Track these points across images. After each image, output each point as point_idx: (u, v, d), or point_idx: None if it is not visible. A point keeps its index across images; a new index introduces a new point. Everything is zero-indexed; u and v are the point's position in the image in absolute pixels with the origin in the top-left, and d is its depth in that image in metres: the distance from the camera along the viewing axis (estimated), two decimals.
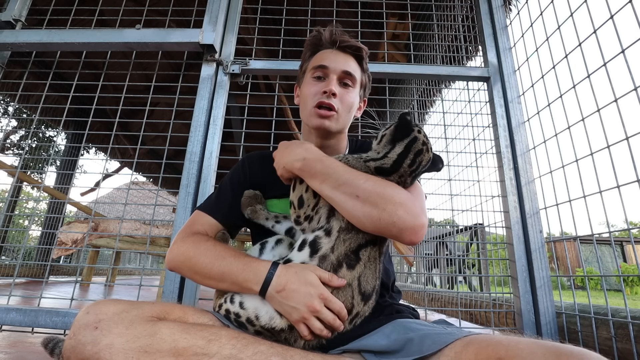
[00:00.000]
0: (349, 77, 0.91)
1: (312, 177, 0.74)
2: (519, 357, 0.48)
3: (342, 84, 0.91)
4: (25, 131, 7.56)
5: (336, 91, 0.88)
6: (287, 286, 0.65)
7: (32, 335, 1.52)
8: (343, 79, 0.91)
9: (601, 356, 0.46)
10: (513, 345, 0.50)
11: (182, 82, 1.62)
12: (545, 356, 0.46)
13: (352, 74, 0.91)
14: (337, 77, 0.90)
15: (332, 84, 0.88)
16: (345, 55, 0.92)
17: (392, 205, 0.68)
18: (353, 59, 0.93)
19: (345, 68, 0.90)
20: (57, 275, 5.85)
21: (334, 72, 0.89)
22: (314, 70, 0.91)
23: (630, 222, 4.52)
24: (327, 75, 0.90)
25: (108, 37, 1.48)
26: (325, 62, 0.90)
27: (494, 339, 0.55)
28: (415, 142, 0.75)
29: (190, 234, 0.81)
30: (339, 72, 0.90)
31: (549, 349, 0.47)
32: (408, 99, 3.25)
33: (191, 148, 1.37)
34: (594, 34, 1.09)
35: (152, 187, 7.36)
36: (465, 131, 1.71)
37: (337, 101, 0.88)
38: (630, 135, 0.95)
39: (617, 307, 1.08)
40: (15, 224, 12.84)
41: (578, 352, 0.46)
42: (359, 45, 0.94)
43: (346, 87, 0.91)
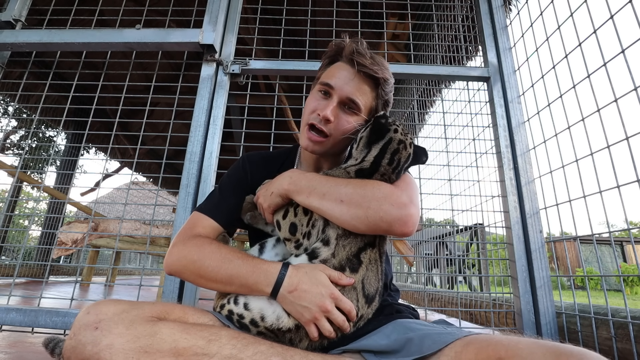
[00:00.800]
0: (352, 104, 0.84)
1: (299, 192, 0.75)
2: (518, 357, 0.48)
3: (344, 108, 0.86)
4: (25, 131, 7.56)
5: (332, 118, 0.83)
6: (299, 286, 0.65)
7: (32, 335, 1.52)
8: (346, 104, 0.85)
9: (601, 356, 0.46)
10: (513, 345, 0.50)
11: (182, 82, 1.62)
12: (545, 356, 0.47)
13: (356, 102, 0.84)
14: (341, 101, 0.84)
15: (329, 108, 0.83)
16: (359, 78, 0.85)
17: (375, 202, 0.69)
18: (369, 82, 0.86)
19: (351, 96, 0.84)
20: (57, 275, 5.85)
21: (338, 95, 0.84)
22: (323, 84, 0.87)
23: (630, 222, 4.51)
24: (331, 95, 0.85)
25: (108, 37, 1.48)
26: (333, 81, 0.84)
27: (494, 339, 0.55)
28: (390, 143, 0.76)
29: (192, 237, 0.80)
30: (344, 98, 0.84)
31: (548, 349, 0.47)
32: (408, 99, 3.25)
33: (191, 148, 1.37)
34: (594, 34, 1.09)
35: (152, 187, 7.36)
36: (465, 131, 1.71)
37: (332, 127, 0.84)
38: (630, 135, 0.95)
39: (617, 307, 1.08)
40: (15, 224, 12.84)
41: (578, 352, 0.46)
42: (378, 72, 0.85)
43: (348, 112, 0.86)
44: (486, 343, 0.54)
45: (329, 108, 0.83)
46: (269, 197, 0.80)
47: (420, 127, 3.22)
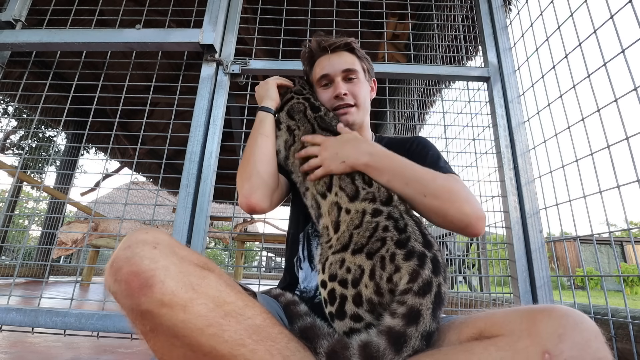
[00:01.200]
0: (350, 72, 0.99)
1: (380, 173, 0.78)
2: (497, 325, 0.52)
3: (347, 80, 1.00)
4: (25, 131, 7.56)
5: (345, 91, 0.97)
6: None
7: (32, 335, 1.52)
8: (346, 76, 0.99)
9: (569, 308, 0.48)
10: (490, 316, 0.54)
11: (182, 82, 1.62)
12: (520, 318, 0.50)
13: (351, 68, 0.99)
14: (341, 78, 0.99)
15: (338, 87, 0.97)
16: (338, 55, 1.01)
17: (458, 203, 0.73)
18: (346, 53, 1.02)
19: (344, 67, 0.99)
20: (57, 275, 5.85)
21: (335, 75, 0.99)
22: (319, 81, 1.02)
23: (630, 222, 4.52)
24: (332, 80, 1.00)
25: (108, 37, 1.48)
26: (325, 71, 1.00)
27: (471, 317, 0.59)
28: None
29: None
30: (340, 73, 0.99)
31: (522, 310, 0.51)
32: (408, 99, 3.25)
33: (191, 148, 1.37)
34: (594, 34, 1.09)
35: (152, 187, 7.35)
36: (465, 131, 1.71)
37: (350, 98, 0.98)
38: (630, 135, 0.95)
39: (617, 307, 1.08)
40: (15, 224, 12.84)
41: (549, 307, 0.49)
42: (345, 40, 1.02)
43: (352, 81, 1.00)
44: (465, 323, 0.58)
45: (339, 87, 0.98)
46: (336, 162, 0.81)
47: (420, 127, 3.22)
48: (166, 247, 0.55)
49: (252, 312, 0.57)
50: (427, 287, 0.58)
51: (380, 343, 0.55)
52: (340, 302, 0.64)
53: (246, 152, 0.94)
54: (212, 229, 5.89)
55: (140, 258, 0.51)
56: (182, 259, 0.55)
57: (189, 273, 0.54)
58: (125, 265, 0.51)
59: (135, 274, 0.50)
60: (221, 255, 24.41)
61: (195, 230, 1.29)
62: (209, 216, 1.33)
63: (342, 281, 0.65)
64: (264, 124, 0.97)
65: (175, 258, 0.54)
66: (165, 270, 0.51)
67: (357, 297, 0.63)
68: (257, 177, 0.87)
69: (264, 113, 1.00)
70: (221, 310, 0.54)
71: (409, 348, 0.54)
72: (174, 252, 0.55)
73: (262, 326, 0.56)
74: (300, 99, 1.01)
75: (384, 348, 0.54)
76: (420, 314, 0.56)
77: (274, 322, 0.59)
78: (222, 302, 0.55)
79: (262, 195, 0.87)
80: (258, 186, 0.87)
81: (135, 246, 0.53)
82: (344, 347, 0.57)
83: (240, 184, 0.89)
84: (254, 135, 0.96)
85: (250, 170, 0.89)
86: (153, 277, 0.50)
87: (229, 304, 0.55)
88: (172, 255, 0.54)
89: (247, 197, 0.85)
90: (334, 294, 0.65)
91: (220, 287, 0.56)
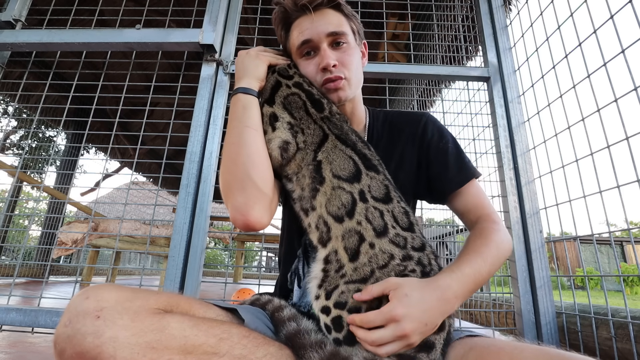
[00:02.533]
0: (338, 36, 0.80)
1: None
2: None
3: (334, 45, 0.81)
4: (25, 131, 7.56)
5: (334, 61, 0.79)
6: None
7: (32, 335, 1.52)
8: (333, 41, 0.81)
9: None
10: (517, 352, 0.49)
11: (182, 82, 1.62)
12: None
13: (339, 31, 0.80)
14: (327, 43, 0.80)
15: (326, 56, 0.79)
16: (321, 14, 0.81)
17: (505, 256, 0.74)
18: (331, 11, 0.82)
19: (329, 29, 0.80)
20: (57, 275, 5.85)
21: (320, 40, 0.80)
22: (300, 49, 0.82)
23: (630, 222, 4.51)
24: (315, 47, 0.81)
25: (108, 37, 1.48)
26: (306, 35, 0.80)
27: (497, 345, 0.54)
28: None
29: None
30: (326, 37, 0.80)
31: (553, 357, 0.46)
32: (408, 99, 3.25)
33: (191, 148, 1.37)
34: (594, 34, 1.09)
35: (152, 187, 7.35)
36: (465, 131, 1.71)
37: (340, 68, 0.80)
38: (630, 135, 0.95)
39: (617, 307, 1.08)
40: (15, 224, 12.84)
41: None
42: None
43: (340, 46, 0.81)
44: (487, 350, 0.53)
45: (325, 55, 0.79)
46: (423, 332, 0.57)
47: None
48: (112, 310, 0.48)
49: (229, 345, 0.52)
50: (442, 325, 0.59)
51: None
52: (349, 330, 0.60)
53: (230, 150, 0.74)
54: (212, 229, 5.89)
55: (82, 336, 0.45)
56: (135, 314, 0.49)
57: (145, 330, 0.48)
58: (68, 347, 0.45)
59: (80, 355, 0.45)
60: (221, 255, 24.36)
61: (195, 230, 1.29)
62: (209, 216, 1.33)
63: (354, 310, 0.61)
64: (249, 111, 0.76)
65: (127, 318, 0.48)
66: (114, 342, 0.45)
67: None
68: (252, 186, 0.70)
69: (247, 97, 0.79)
70: (191, 358, 0.49)
71: None
72: (125, 310, 0.49)
73: (243, 356, 0.52)
74: (292, 87, 0.81)
75: None
76: (434, 347, 0.56)
77: (257, 344, 0.54)
78: (191, 348, 0.49)
79: (262, 209, 0.71)
80: (256, 198, 0.70)
81: (75, 321, 0.47)
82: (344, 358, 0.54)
83: (230, 194, 0.71)
84: (238, 127, 0.75)
85: (242, 176, 0.71)
86: (101, 355, 0.44)
87: (198, 348, 0.50)
88: (121, 317, 0.48)
89: (243, 214, 0.69)
90: (341, 322, 0.61)
91: (185, 331, 0.50)
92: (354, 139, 0.77)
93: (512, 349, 0.51)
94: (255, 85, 0.81)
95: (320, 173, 0.72)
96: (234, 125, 0.76)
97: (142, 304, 0.51)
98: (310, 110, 0.78)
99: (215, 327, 0.54)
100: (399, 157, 0.87)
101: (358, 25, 0.88)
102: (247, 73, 0.82)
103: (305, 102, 0.79)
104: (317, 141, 0.75)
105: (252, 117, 0.76)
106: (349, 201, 0.69)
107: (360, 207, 0.68)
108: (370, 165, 0.74)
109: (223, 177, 0.74)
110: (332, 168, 0.72)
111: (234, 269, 5.74)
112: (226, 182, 0.73)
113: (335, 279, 0.65)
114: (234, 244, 4.95)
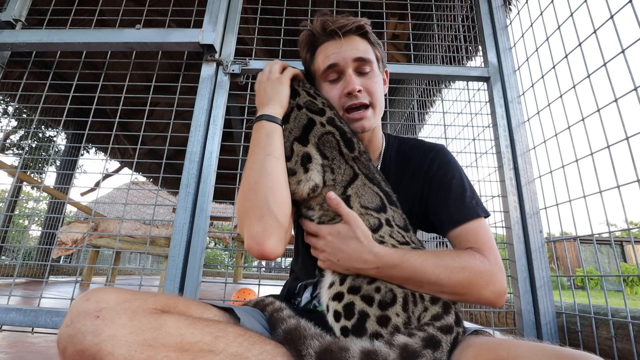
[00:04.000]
0: (364, 62, 0.82)
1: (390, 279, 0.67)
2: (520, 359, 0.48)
3: (359, 73, 0.82)
4: (25, 131, 7.56)
5: (359, 87, 0.80)
6: None
7: (32, 335, 1.52)
8: (359, 68, 0.82)
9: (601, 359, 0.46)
10: (514, 348, 0.50)
11: (182, 82, 1.62)
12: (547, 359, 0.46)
13: (365, 57, 0.82)
14: (352, 69, 0.82)
15: (351, 81, 0.80)
16: (348, 40, 0.82)
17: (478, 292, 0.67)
18: (358, 38, 0.84)
19: (356, 55, 0.81)
20: (57, 275, 5.86)
21: (346, 65, 0.81)
22: (325, 73, 0.83)
23: (630, 222, 4.51)
24: (341, 72, 0.82)
25: (108, 37, 1.48)
26: (332, 60, 0.81)
27: (493, 342, 0.55)
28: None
29: None
30: (352, 63, 0.81)
31: (549, 352, 0.47)
32: (408, 99, 3.25)
33: (191, 148, 1.37)
34: (594, 34, 1.09)
35: (152, 187, 7.35)
36: (465, 131, 1.71)
37: (365, 95, 0.81)
38: (630, 135, 0.95)
39: (617, 307, 1.08)
40: (15, 224, 12.84)
41: (579, 355, 0.46)
42: (357, 22, 0.84)
43: (365, 74, 0.83)
44: (485, 346, 0.54)
45: (351, 81, 0.80)
46: (342, 269, 0.68)
47: (420, 127, 3.22)
48: (112, 310, 0.51)
49: (224, 343, 0.53)
50: (450, 329, 0.60)
51: (390, 354, 0.53)
52: (359, 319, 0.61)
53: (251, 177, 0.73)
54: (212, 229, 5.89)
55: (82, 334, 0.48)
56: (133, 313, 0.52)
57: (142, 329, 0.50)
58: (69, 346, 0.48)
59: (80, 352, 0.48)
60: (221, 255, 24.36)
61: (195, 230, 1.29)
62: (209, 216, 1.33)
63: (366, 297, 0.63)
64: (272, 139, 0.75)
65: (125, 317, 0.51)
66: (112, 340, 0.48)
67: (383, 319, 0.61)
68: (271, 216, 0.70)
69: (271, 124, 0.77)
70: (187, 355, 0.50)
71: None
72: (123, 310, 0.51)
73: (239, 353, 0.53)
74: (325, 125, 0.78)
75: (392, 359, 0.53)
76: (441, 345, 0.57)
77: (252, 342, 0.55)
78: (187, 346, 0.51)
79: (278, 239, 0.70)
80: (273, 229, 0.70)
81: (76, 321, 0.50)
82: (342, 348, 0.55)
83: (247, 221, 0.71)
84: (260, 154, 0.74)
85: (261, 205, 0.70)
86: (100, 352, 0.47)
87: (194, 345, 0.51)
88: (119, 317, 0.50)
89: (259, 243, 0.68)
90: (352, 309, 0.62)
91: (181, 329, 0.52)
92: (378, 178, 0.80)
93: (509, 344, 0.52)
94: (280, 112, 0.80)
95: (348, 204, 0.74)
96: (256, 152, 0.75)
97: (140, 305, 0.53)
98: (343, 150, 0.78)
99: (211, 325, 0.55)
100: (404, 189, 0.87)
101: (382, 52, 0.89)
102: (270, 99, 0.80)
103: (339, 142, 0.78)
104: (347, 179, 0.76)
105: (275, 145, 0.75)
106: (376, 224, 0.73)
107: (385, 229, 0.72)
108: (392, 201, 0.78)
109: (241, 204, 0.73)
110: (360, 201, 0.75)
111: (234, 269, 5.74)
112: (244, 209, 0.72)
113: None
114: (234, 244, 4.96)
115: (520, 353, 0.49)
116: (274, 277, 10.50)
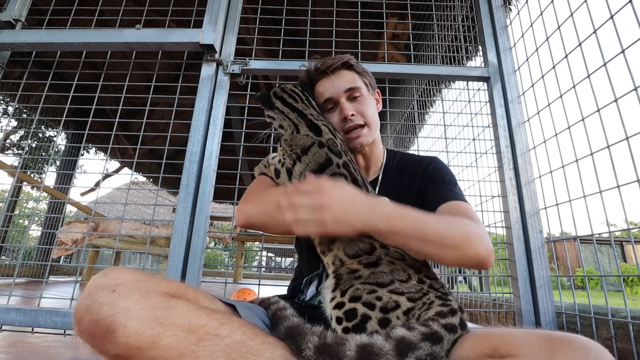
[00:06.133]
0: (353, 90, 0.97)
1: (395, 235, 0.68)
2: (513, 344, 0.51)
3: (351, 99, 0.97)
4: (25, 131, 7.56)
5: (352, 111, 0.94)
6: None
7: (32, 335, 1.52)
8: (350, 95, 0.97)
9: (590, 340, 0.47)
10: (507, 333, 0.54)
11: (182, 82, 1.62)
12: (538, 341, 0.49)
13: (353, 86, 0.97)
14: (345, 98, 0.96)
15: (345, 108, 0.95)
16: (337, 75, 0.98)
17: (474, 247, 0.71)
18: (346, 71, 0.99)
19: (345, 86, 0.96)
20: (57, 275, 5.85)
21: (338, 96, 0.96)
22: (324, 105, 0.99)
23: (630, 222, 4.51)
24: (336, 102, 0.97)
25: (108, 37, 1.48)
26: (327, 94, 0.97)
27: (488, 331, 0.58)
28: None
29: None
30: (343, 93, 0.96)
31: (541, 335, 0.50)
32: (408, 99, 3.25)
33: (191, 148, 1.37)
34: (594, 34, 1.09)
35: (152, 187, 7.35)
36: (465, 131, 1.71)
37: (359, 117, 0.95)
38: (630, 135, 0.95)
39: (617, 307, 1.08)
40: (15, 224, 12.84)
41: (569, 337, 0.48)
42: (341, 59, 1.00)
43: (356, 99, 0.97)
44: (480, 336, 0.57)
45: (344, 108, 0.95)
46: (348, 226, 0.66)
47: (420, 127, 3.22)
48: (127, 287, 0.55)
49: (229, 329, 0.56)
50: (454, 329, 0.60)
51: (386, 345, 0.54)
52: (361, 319, 0.63)
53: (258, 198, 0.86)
54: (212, 229, 5.89)
55: (99, 305, 0.52)
56: (147, 293, 0.55)
57: (154, 307, 0.54)
58: (86, 315, 0.52)
59: (95, 322, 0.51)
60: (221, 255, 24.38)
61: (195, 230, 1.29)
62: (209, 216, 1.33)
63: (368, 304, 0.64)
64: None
65: (139, 294, 0.54)
66: (126, 312, 0.51)
67: (384, 321, 0.62)
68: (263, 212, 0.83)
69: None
70: (193, 336, 0.53)
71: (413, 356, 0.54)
72: (138, 288, 0.55)
73: (242, 341, 0.56)
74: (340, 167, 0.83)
75: (387, 350, 0.53)
76: (442, 340, 0.57)
77: (255, 333, 0.58)
78: (194, 327, 0.54)
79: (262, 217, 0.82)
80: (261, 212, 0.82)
81: (94, 293, 0.54)
82: (340, 343, 0.56)
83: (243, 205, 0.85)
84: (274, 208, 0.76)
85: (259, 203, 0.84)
86: (114, 323, 0.50)
87: (201, 328, 0.54)
88: (134, 294, 0.54)
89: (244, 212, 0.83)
90: (355, 312, 0.64)
91: (190, 312, 0.56)
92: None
93: (502, 331, 0.55)
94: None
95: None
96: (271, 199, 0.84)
97: (153, 286, 0.57)
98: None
99: (217, 313, 0.59)
100: (404, 190, 0.98)
101: (370, 78, 1.05)
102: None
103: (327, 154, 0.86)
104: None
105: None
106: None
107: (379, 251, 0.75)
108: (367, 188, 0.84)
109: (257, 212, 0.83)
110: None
111: (234, 269, 5.75)
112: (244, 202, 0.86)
113: (350, 280, 0.71)
114: (234, 244, 4.95)
115: (513, 338, 0.52)
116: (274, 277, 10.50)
